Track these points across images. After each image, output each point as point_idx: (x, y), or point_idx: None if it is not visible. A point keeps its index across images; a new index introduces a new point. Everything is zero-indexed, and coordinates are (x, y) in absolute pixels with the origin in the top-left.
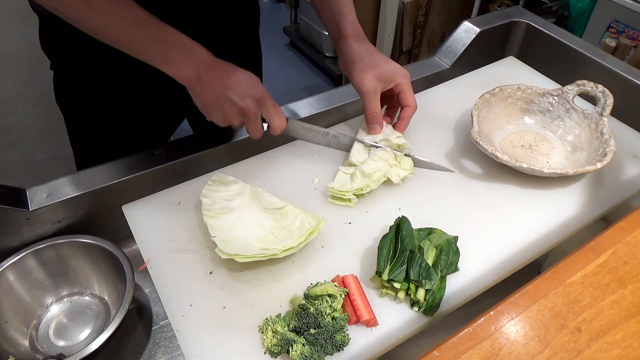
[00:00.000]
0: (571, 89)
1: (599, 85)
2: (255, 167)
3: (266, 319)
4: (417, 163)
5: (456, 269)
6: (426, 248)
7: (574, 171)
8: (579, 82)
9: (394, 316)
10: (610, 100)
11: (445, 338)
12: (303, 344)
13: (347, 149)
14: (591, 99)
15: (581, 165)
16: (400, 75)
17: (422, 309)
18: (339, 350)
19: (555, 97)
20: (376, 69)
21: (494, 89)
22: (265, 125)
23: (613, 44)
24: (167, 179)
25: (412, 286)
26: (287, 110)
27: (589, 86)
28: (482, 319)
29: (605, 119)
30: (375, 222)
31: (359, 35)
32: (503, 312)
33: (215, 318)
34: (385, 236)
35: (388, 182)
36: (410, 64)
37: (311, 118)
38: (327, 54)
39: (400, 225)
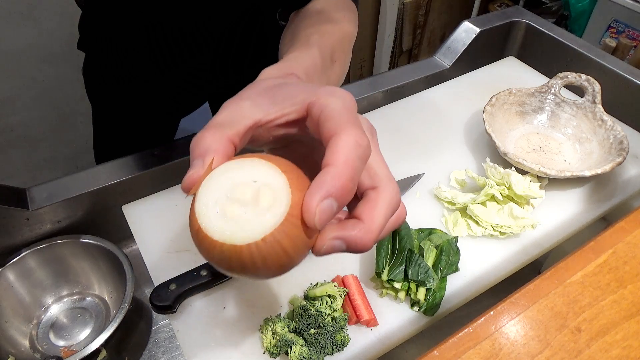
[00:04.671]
0: (556, 83)
1: (582, 75)
2: None
3: (266, 319)
4: None
5: (457, 269)
6: (427, 248)
7: (602, 169)
8: (561, 74)
9: (394, 316)
10: (597, 87)
11: (445, 338)
12: (302, 345)
13: None
14: (579, 90)
15: (597, 158)
16: (320, 93)
17: (422, 309)
18: (339, 350)
19: (542, 94)
20: (273, 88)
21: (491, 99)
22: None
23: (613, 44)
24: (167, 179)
25: (412, 286)
26: None
27: (572, 77)
28: (482, 319)
29: (599, 106)
30: None
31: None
32: (503, 312)
33: (215, 318)
34: None
35: None
36: (410, 64)
37: None
38: None
39: None
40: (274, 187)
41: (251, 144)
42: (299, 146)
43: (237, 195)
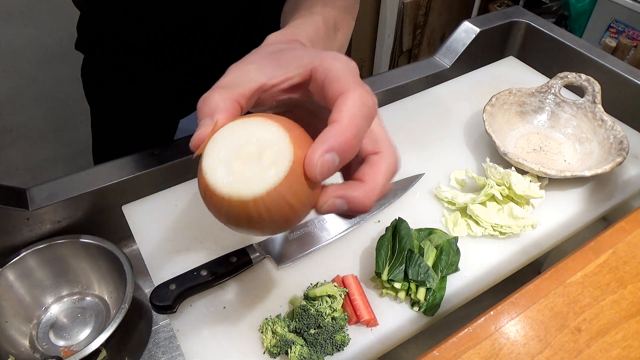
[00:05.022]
0: (556, 83)
1: (582, 75)
2: None
3: (266, 319)
4: None
5: (457, 269)
6: (427, 248)
7: (602, 169)
8: (561, 74)
9: (394, 316)
10: (597, 87)
11: (445, 338)
12: (302, 345)
13: None
14: (579, 90)
15: (597, 158)
16: (321, 55)
17: (422, 309)
18: (339, 350)
19: (542, 94)
20: (277, 52)
21: (491, 99)
22: None
23: (613, 44)
24: (167, 179)
25: (412, 286)
26: None
27: (572, 77)
28: (482, 319)
29: (599, 106)
30: (376, 222)
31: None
32: (503, 312)
33: (215, 318)
34: (382, 237)
35: None
36: (410, 64)
37: None
38: None
39: (397, 226)
40: (277, 144)
41: (254, 109)
42: (301, 112)
43: (242, 153)
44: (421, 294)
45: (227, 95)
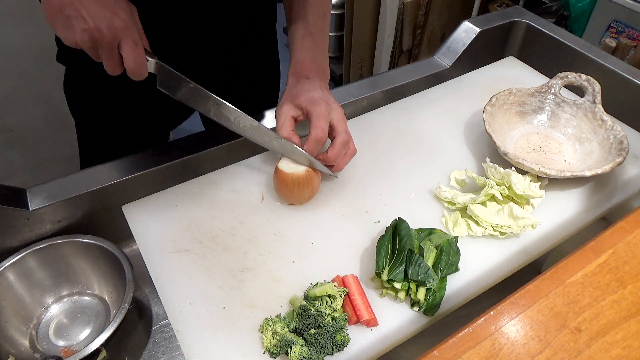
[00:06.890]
0: (556, 83)
1: (582, 75)
2: (257, 167)
3: (266, 319)
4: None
5: (457, 269)
6: (427, 248)
7: (602, 169)
8: (561, 74)
9: (394, 316)
10: (597, 87)
11: (445, 338)
12: (302, 345)
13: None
14: (579, 90)
15: (597, 158)
16: (313, 102)
17: (422, 309)
18: (339, 350)
19: (542, 94)
20: (296, 97)
21: (491, 99)
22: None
23: (613, 44)
24: (167, 179)
25: (412, 286)
26: None
27: (572, 77)
28: (482, 319)
29: (599, 106)
30: (376, 222)
31: (300, 73)
32: (503, 312)
33: (215, 318)
34: (382, 237)
35: None
36: (410, 64)
37: None
38: None
39: (398, 226)
40: (302, 167)
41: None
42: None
43: (292, 165)
44: (421, 294)
45: (290, 131)
